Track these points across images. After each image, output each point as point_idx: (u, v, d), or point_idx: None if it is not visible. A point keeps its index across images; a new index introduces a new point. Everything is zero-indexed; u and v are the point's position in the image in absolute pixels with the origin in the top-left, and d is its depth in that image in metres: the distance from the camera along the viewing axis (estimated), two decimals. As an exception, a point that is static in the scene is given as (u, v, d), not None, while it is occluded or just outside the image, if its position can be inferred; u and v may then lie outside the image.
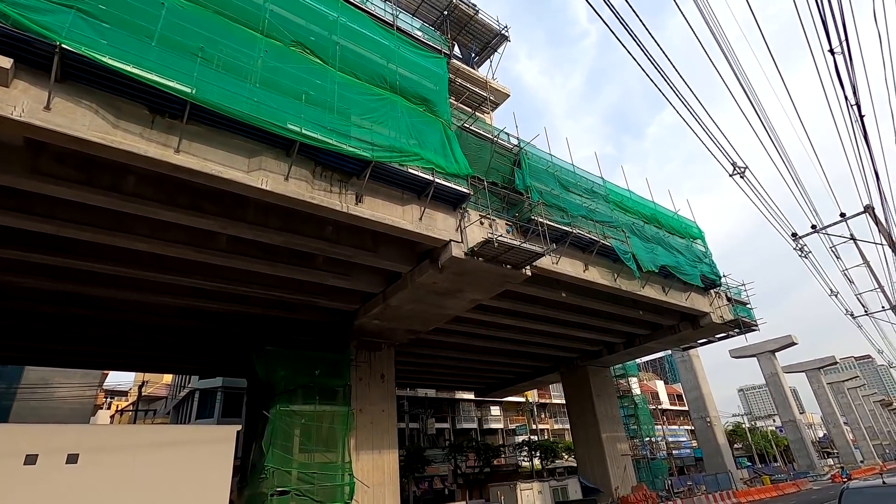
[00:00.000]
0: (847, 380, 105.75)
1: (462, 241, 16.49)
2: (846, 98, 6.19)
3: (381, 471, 21.15)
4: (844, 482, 9.20)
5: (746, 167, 11.47)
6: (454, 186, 16.32)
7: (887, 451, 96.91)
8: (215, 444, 18.42)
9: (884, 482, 8.33)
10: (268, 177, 12.71)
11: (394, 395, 23.66)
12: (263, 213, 14.59)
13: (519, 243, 16.30)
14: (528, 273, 18.30)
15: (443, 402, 48.84)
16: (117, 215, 13.27)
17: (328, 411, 20.37)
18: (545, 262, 19.42)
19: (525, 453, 46.77)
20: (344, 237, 16.29)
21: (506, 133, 21.10)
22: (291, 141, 12.60)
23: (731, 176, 11.30)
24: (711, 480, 42.77)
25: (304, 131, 12.51)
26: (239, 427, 19.95)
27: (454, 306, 20.27)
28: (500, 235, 16.28)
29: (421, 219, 15.86)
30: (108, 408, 51.40)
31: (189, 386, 36.29)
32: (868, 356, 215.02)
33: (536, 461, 45.43)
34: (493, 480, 35.21)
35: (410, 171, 15.27)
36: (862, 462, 76.50)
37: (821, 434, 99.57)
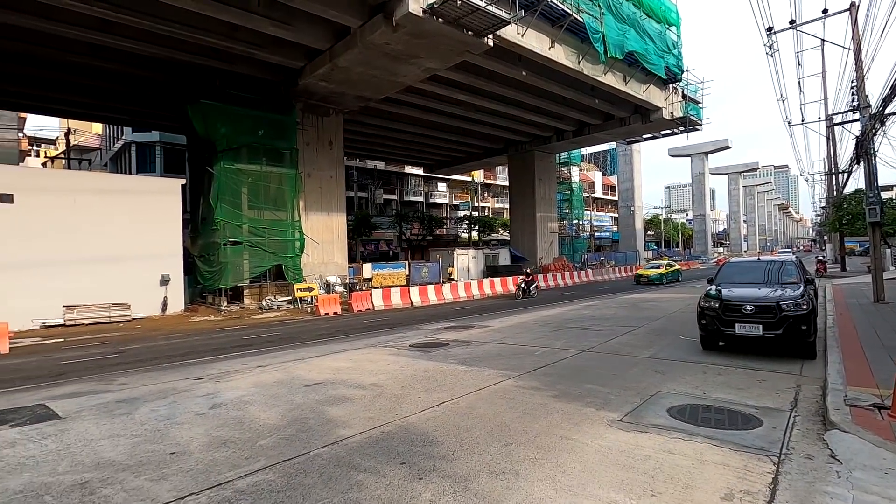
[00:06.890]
0: (760, 184, 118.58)
1: (421, -5, 14.46)
2: None
3: (330, 230, 22.70)
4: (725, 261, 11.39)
5: (752, -67, 10.05)
6: (417, -82, 13.47)
7: (768, 244, 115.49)
8: (161, 195, 18.58)
9: (759, 259, 10.30)
10: None
11: (342, 162, 23.79)
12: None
13: (484, 4, 14.54)
14: (490, 43, 16.92)
15: (391, 175, 50.10)
16: None
17: (275, 173, 20.47)
18: (510, 33, 17.85)
19: (465, 226, 51.07)
20: (281, -27, 13.78)
21: None
22: None
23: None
24: (621, 257, 49.84)
25: None
26: (183, 181, 19.94)
27: (408, 73, 19.00)
28: (465, -8, 14.32)
29: (374, -42, 13.42)
30: (37, 156, 48.78)
31: (123, 138, 34.25)
32: (786, 166, 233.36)
33: (475, 233, 50.06)
34: (435, 247, 38.99)
35: None
36: (745, 251, 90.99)
37: (721, 228, 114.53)
